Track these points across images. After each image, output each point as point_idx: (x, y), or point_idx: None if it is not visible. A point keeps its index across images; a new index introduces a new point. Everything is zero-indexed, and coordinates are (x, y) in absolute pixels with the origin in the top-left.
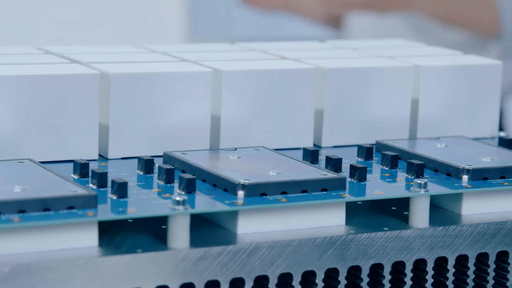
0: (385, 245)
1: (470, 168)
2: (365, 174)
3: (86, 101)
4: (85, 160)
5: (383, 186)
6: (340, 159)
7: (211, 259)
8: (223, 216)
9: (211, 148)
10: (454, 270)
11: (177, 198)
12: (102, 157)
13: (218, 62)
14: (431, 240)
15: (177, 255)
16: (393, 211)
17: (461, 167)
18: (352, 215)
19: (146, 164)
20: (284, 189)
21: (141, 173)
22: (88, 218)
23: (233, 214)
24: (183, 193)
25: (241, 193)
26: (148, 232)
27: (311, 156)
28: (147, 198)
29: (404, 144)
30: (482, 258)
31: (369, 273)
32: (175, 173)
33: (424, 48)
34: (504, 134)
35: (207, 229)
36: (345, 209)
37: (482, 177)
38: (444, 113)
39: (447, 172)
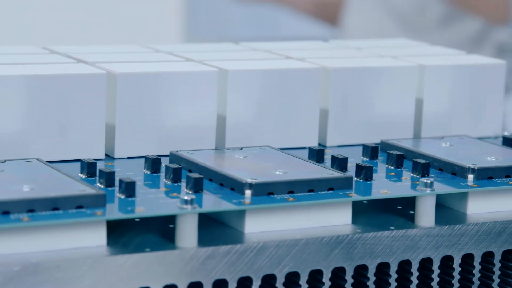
0: (392, 244)
1: (476, 168)
2: (371, 173)
3: (92, 100)
4: (92, 159)
5: (389, 185)
6: (346, 158)
7: (219, 258)
8: (230, 215)
9: (216, 147)
10: (460, 269)
11: (185, 198)
12: (108, 156)
13: (224, 61)
14: (437, 239)
15: (185, 254)
16: (399, 210)
17: (467, 167)
18: (358, 214)
19: (153, 164)
20: (291, 188)
21: (147, 173)
22: (97, 217)
23: (241, 213)
24: (190, 192)
25: (248, 192)
26: (155, 231)
27: (316, 155)
28: (155, 197)
29: (408, 144)
30: (487, 257)
31: (375, 272)
32: (182, 173)
33: (427, 47)
34: (508, 134)
35: (214, 228)
36: (351, 208)
37: (488, 176)
38: (448, 112)
39: (452, 171)
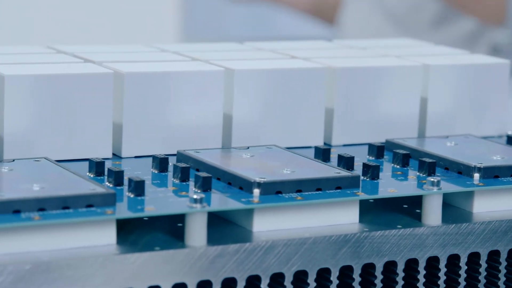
0: (399, 242)
1: (482, 166)
2: (378, 172)
3: (100, 100)
4: (100, 158)
5: (396, 184)
6: (353, 157)
7: (228, 257)
8: (238, 214)
9: (223, 146)
10: (466, 267)
11: (195, 196)
12: (116, 155)
13: (230, 61)
14: (443, 237)
15: (194, 253)
16: (405, 209)
17: (473, 165)
18: (365, 213)
19: (161, 163)
20: (299, 187)
21: (155, 172)
22: (107, 216)
23: (249, 212)
24: (199, 191)
25: (256, 191)
26: (164, 230)
27: (323, 154)
28: (164, 196)
29: (414, 143)
30: (494, 255)
31: (383, 270)
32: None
33: (431, 47)
34: None
35: (223, 227)
36: (358, 207)
37: (493, 175)
38: (453, 111)
39: (458, 170)
